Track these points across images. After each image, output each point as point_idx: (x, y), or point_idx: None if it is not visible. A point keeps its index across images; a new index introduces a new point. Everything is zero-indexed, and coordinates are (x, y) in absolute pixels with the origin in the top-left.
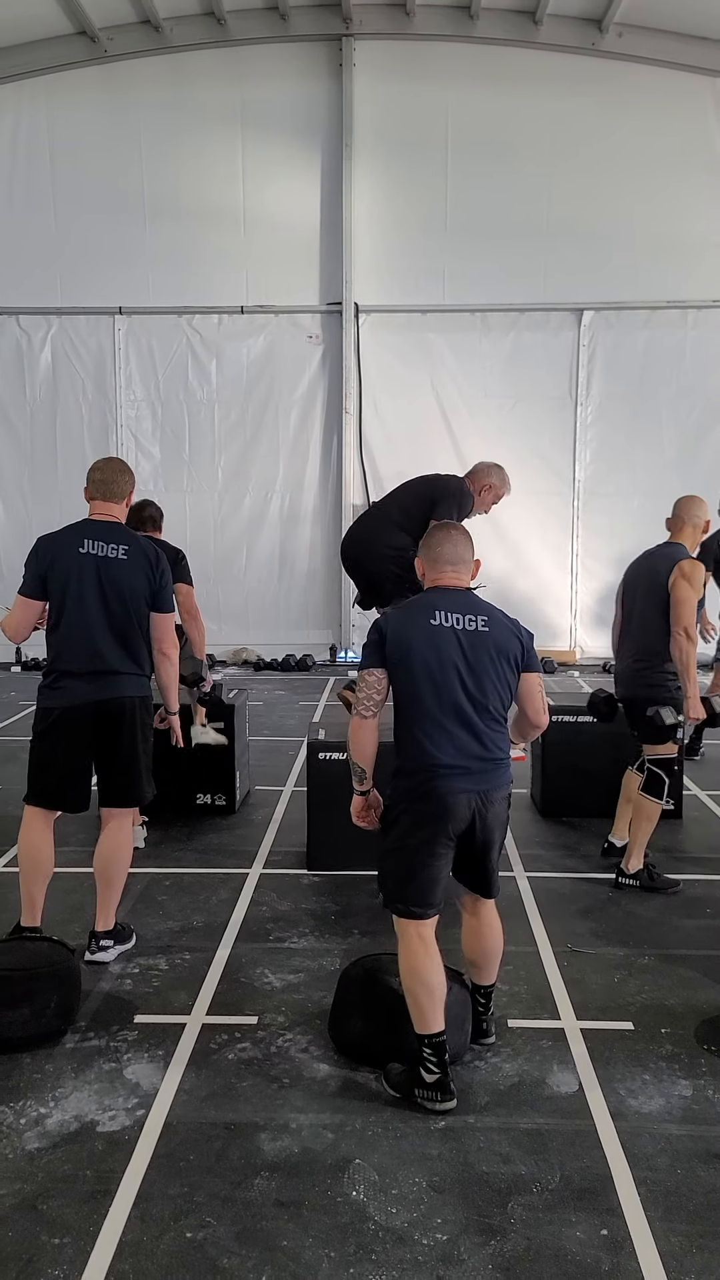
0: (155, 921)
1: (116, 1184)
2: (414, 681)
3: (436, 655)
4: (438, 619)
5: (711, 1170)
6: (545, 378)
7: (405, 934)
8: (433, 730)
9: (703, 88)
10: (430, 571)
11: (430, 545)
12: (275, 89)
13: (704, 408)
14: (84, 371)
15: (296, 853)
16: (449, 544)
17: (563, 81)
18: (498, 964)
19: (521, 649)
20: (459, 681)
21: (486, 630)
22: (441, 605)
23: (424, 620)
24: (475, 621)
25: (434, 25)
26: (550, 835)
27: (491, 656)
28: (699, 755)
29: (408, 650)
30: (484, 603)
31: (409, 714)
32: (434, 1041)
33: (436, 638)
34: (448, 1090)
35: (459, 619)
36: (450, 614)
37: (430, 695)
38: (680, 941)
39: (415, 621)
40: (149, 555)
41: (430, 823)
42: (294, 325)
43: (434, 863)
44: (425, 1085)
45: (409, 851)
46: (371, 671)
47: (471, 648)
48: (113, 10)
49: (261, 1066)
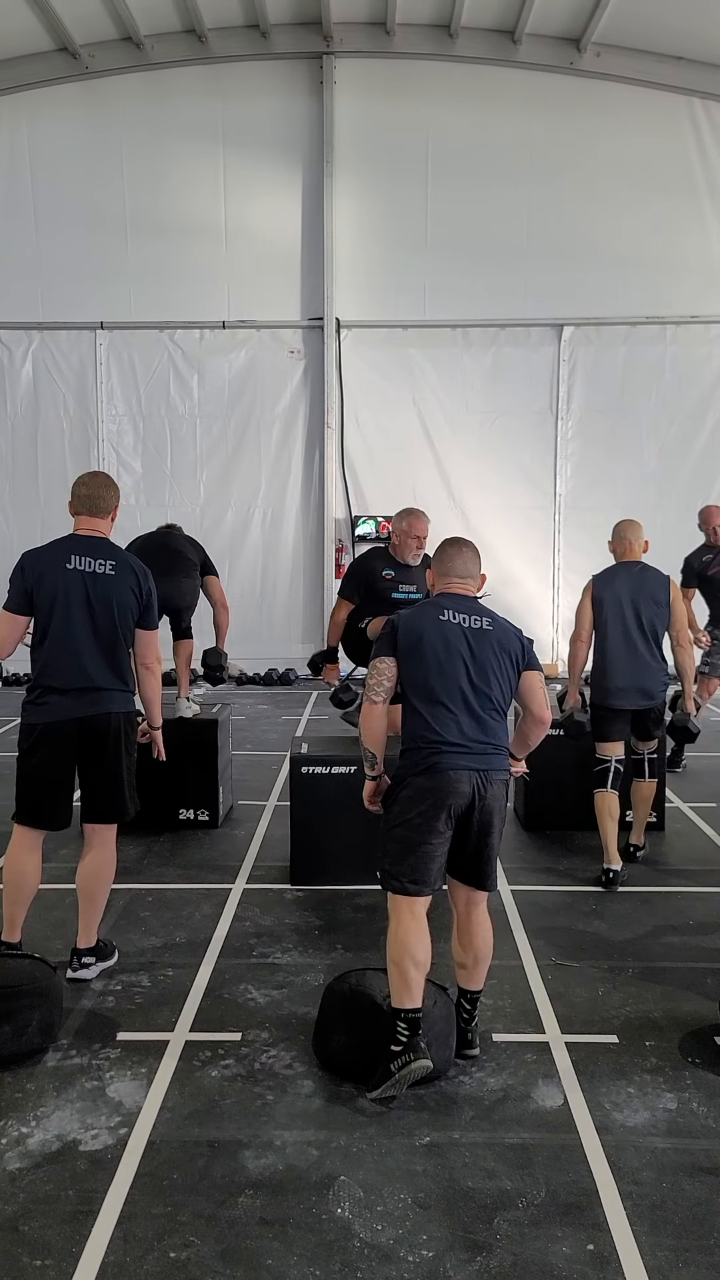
0: (138, 938)
1: (99, 1204)
2: (422, 666)
3: (445, 645)
4: (446, 616)
5: (697, 1183)
6: (526, 393)
7: (397, 909)
8: (438, 711)
9: (679, 106)
10: (440, 582)
11: (441, 559)
12: (256, 106)
13: (683, 422)
14: (65, 386)
15: (280, 868)
16: (459, 559)
17: (542, 100)
18: (486, 967)
19: (522, 648)
20: (464, 670)
21: (490, 629)
22: (449, 606)
23: (433, 615)
24: (480, 621)
25: (414, 44)
26: (534, 848)
27: (495, 652)
28: (681, 768)
29: (418, 639)
30: (488, 608)
31: (416, 696)
32: (409, 1016)
33: (445, 630)
34: (418, 1049)
35: (465, 618)
36: (457, 613)
37: (437, 679)
38: (664, 954)
39: (425, 616)
40: (136, 571)
41: (432, 796)
42: (276, 340)
43: (433, 839)
44: (395, 1055)
45: (410, 826)
46: (383, 659)
47: (477, 642)
48: (94, 27)
49: (245, 1083)
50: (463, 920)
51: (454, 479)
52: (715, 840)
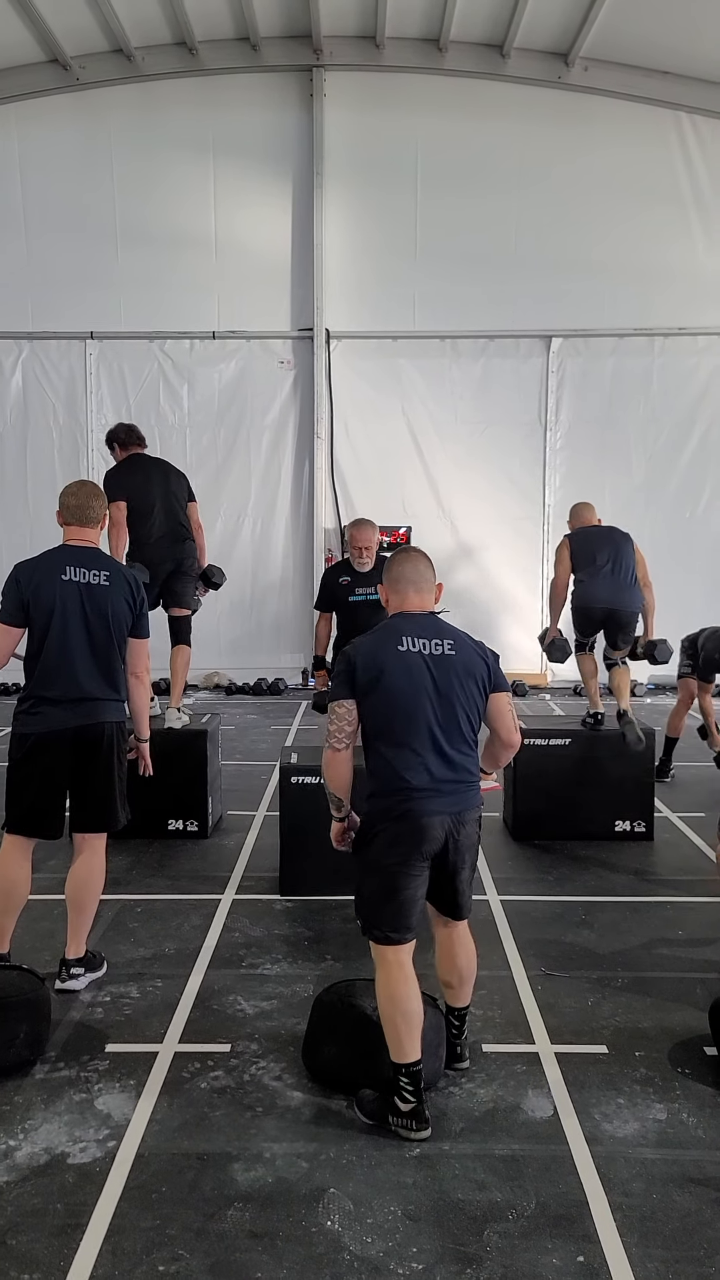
0: (127, 949)
1: (87, 1217)
2: (385, 709)
3: (408, 681)
4: (405, 644)
5: (687, 1194)
6: (515, 403)
7: (383, 960)
8: (405, 755)
9: (666, 120)
10: (393, 596)
11: (391, 568)
12: (247, 118)
13: (671, 433)
14: (55, 396)
15: (269, 878)
16: (408, 564)
17: (530, 113)
18: (472, 984)
19: (488, 670)
20: (429, 706)
21: (453, 654)
22: (408, 631)
23: (392, 647)
24: (442, 646)
25: (403, 57)
26: (522, 858)
27: (459, 680)
28: (669, 778)
29: (378, 678)
30: (449, 626)
31: (381, 740)
32: (410, 1071)
33: (406, 664)
34: (423, 1119)
35: (425, 644)
36: (417, 639)
37: (401, 722)
38: (653, 964)
39: (384, 649)
40: (130, 581)
41: (406, 841)
42: (266, 351)
43: (410, 883)
44: (400, 1114)
45: (386, 872)
46: (341, 704)
47: (440, 672)
48: (85, 39)
49: (234, 1095)
50: (444, 941)
51: (443, 489)
52: (704, 850)
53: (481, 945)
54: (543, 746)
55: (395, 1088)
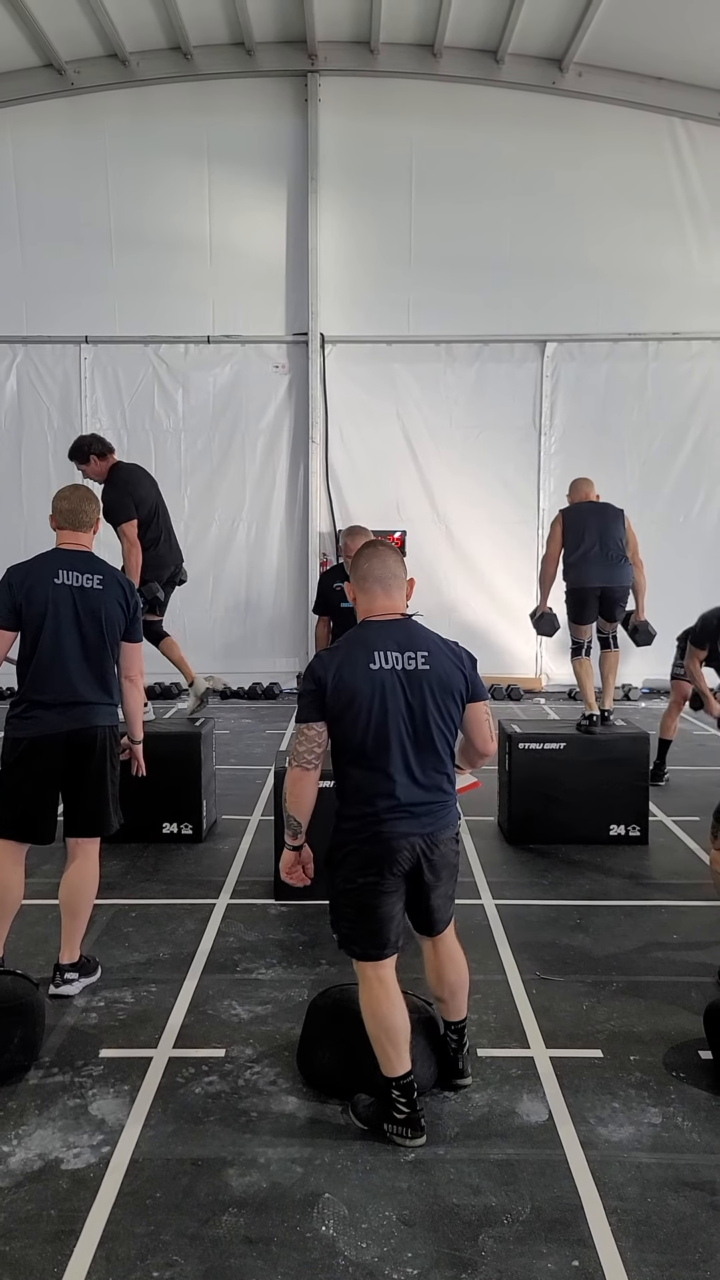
0: (121, 954)
1: (81, 1223)
2: (357, 731)
3: (381, 702)
4: (377, 661)
5: (682, 1198)
6: (509, 408)
7: (364, 977)
8: (376, 776)
9: (660, 126)
10: (361, 596)
11: (357, 564)
12: (241, 122)
13: (665, 438)
14: (49, 400)
15: (264, 882)
16: (376, 559)
17: (525, 118)
18: (465, 997)
19: (465, 680)
20: (403, 725)
21: (427, 668)
22: (379, 644)
23: (364, 664)
24: (415, 659)
25: (398, 63)
26: (517, 862)
27: (434, 695)
28: (664, 781)
29: (350, 701)
30: (422, 633)
31: (351, 762)
32: (402, 1083)
33: (378, 683)
34: (418, 1127)
35: (398, 658)
36: (389, 653)
37: (373, 745)
38: (648, 968)
39: (355, 667)
40: (123, 585)
41: (376, 863)
42: (260, 355)
43: (384, 901)
44: (395, 1121)
45: (358, 892)
46: (311, 725)
47: (413, 689)
48: (80, 44)
49: (229, 1100)
50: (430, 957)
51: (438, 493)
52: (698, 853)
53: (476, 949)
54: (538, 750)
55: (389, 1101)
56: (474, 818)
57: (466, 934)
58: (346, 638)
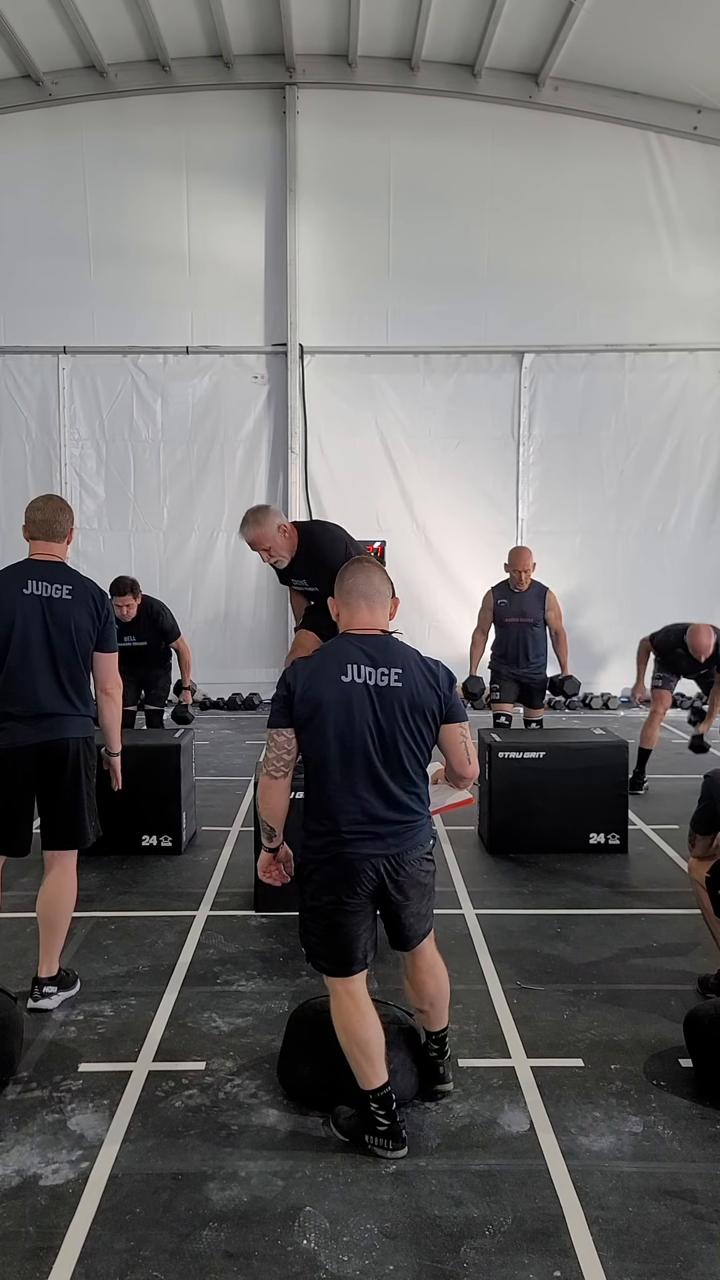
0: (100, 967)
1: (60, 1239)
2: (323, 743)
3: (346, 715)
4: (349, 674)
5: (662, 1207)
6: (488, 418)
7: (334, 991)
8: (340, 794)
9: (635, 139)
10: (343, 610)
11: (343, 578)
12: (220, 134)
13: (642, 448)
14: (27, 410)
15: (244, 894)
16: (362, 575)
17: (502, 132)
18: (446, 1007)
19: (439, 700)
20: (371, 742)
21: (399, 685)
22: (353, 657)
23: (335, 675)
24: (389, 675)
25: (375, 76)
26: (498, 871)
27: (405, 714)
28: (643, 790)
29: (316, 709)
30: (400, 650)
31: (318, 775)
32: (380, 1095)
33: (347, 696)
34: (399, 1138)
35: (371, 673)
36: (362, 667)
37: (339, 758)
38: (628, 976)
39: (325, 677)
40: (93, 594)
41: (337, 885)
42: (239, 366)
43: (349, 920)
44: (376, 1133)
45: (321, 912)
46: (280, 732)
47: (384, 706)
48: (57, 55)
49: (209, 1113)
50: (410, 970)
51: (417, 503)
52: (677, 862)
53: (457, 959)
54: (517, 759)
55: (369, 1115)
56: (454, 827)
57: (447, 944)
58: (322, 648)
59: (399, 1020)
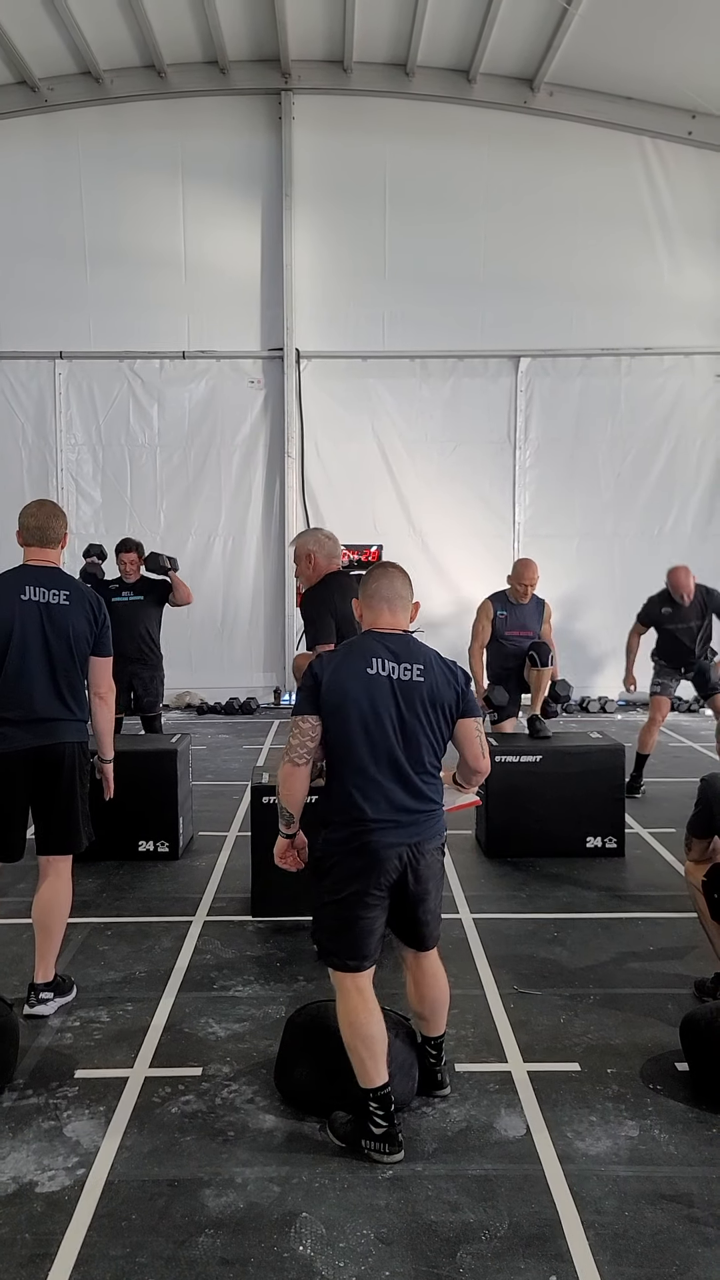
0: (96, 973)
1: (56, 1246)
2: (348, 731)
3: (371, 705)
4: (374, 667)
5: (659, 1211)
6: (484, 422)
7: (342, 987)
8: (364, 783)
9: (630, 144)
10: (367, 612)
11: (367, 583)
12: (216, 140)
13: (638, 451)
14: (23, 415)
15: (241, 899)
16: (385, 579)
17: (497, 137)
18: (445, 1014)
19: (457, 696)
20: (393, 732)
21: (421, 680)
22: (378, 652)
23: (360, 668)
24: (411, 670)
25: (371, 82)
26: (495, 876)
27: (425, 706)
28: (640, 793)
29: (343, 698)
30: (421, 648)
31: (342, 765)
32: (379, 1095)
33: (372, 687)
34: (395, 1142)
35: (394, 668)
36: (386, 661)
37: (363, 746)
38: (625, 980)
39: (351, 669)
40: (90, 600)
41: (362, 876)
42: (236, 370)
43: (367, 914)
44: (373, 1137)
45: (341, 904)
46: (305, 719)
47: (406, 698)
48: (53, 61)
49: (206, 1119)
50: (414, 973)
51: (414, 507)
52: (674, 866)
53: (454, 963)
54: (514, 764)
55: (366, 1114)
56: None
57: (444, 948)
58: (347, 644)
59: (397, 1025)
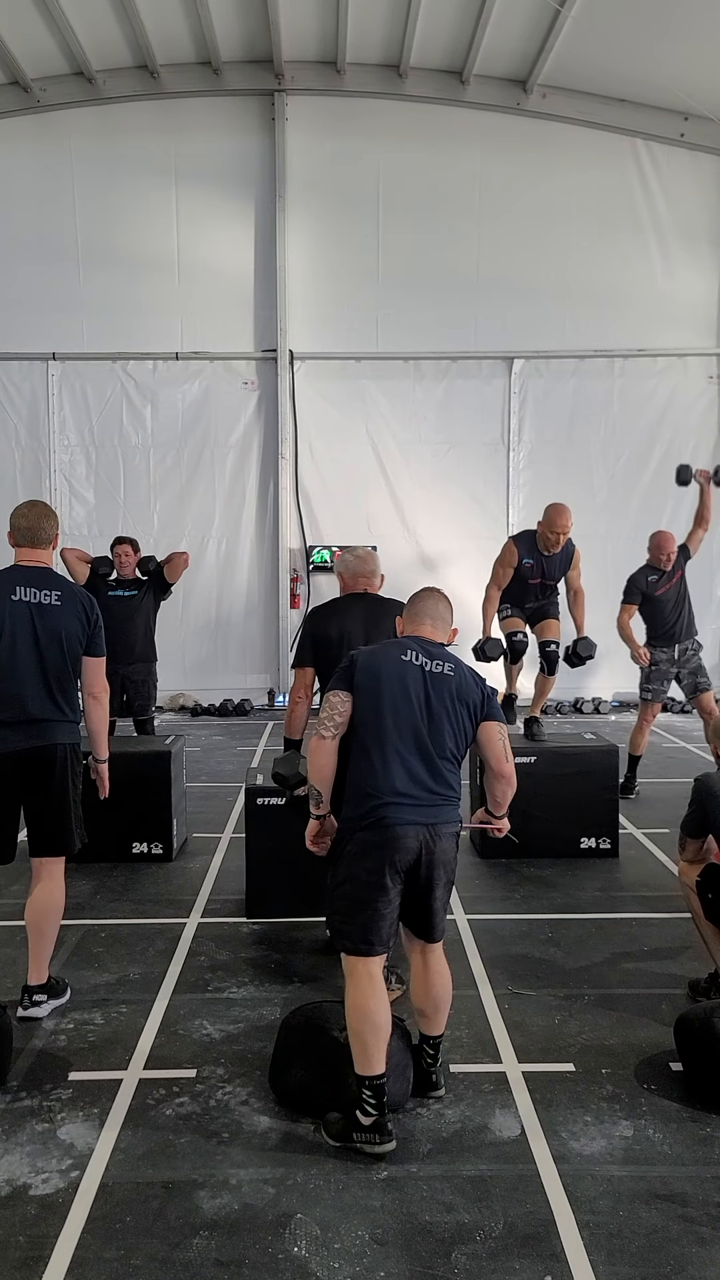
0: (91, 974)
1: (50, 1249)
2: (378, 706)
3: (402, 685)
4: (408, 656)
5: (653, 1210)
6: (478, 424)
7: (354, 972)
8: (389, 756)
9: (623, 146)
10: (409, 625)
11: (413, 603)
12: (209, 141)
13: (631, 453)
14: (16, 416)
15: (235, 900)
16: (430, 600)
17: (490, 138)
18: (446, 1013)
19: (482, 698)
20: (419, 711)
21: (451, 675)
22: (413, 646)
23: (395, 654)
24: (442, 666)
25: (364, 83)
26: (490, 876)
27: (452, 699)
28: (633, 794)
29: (376, 677)
30: (454, 656)
31: (368, 737)
32: (374, 1084)
33: (404, 671)
34: (385, 1132)
35: (427, 661)
36: (419, 655)
37: (391, 720)
38: (619, 981)
39: (387, 654)
40: (82, 600)
41: (377, 852)
42: (229, 372)
43: (381, 896)
44: (363, 1128)
45: (357, 884)
46: (337, 693)
47: (435, 687)
48: (46, 62)
49: (200, 1121)
50: (418, 969)
51: (408, 509)
52: (668, 866)
53: (449, 964)
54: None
55: (358, 1101)
56: None
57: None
58: (385, 640)
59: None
